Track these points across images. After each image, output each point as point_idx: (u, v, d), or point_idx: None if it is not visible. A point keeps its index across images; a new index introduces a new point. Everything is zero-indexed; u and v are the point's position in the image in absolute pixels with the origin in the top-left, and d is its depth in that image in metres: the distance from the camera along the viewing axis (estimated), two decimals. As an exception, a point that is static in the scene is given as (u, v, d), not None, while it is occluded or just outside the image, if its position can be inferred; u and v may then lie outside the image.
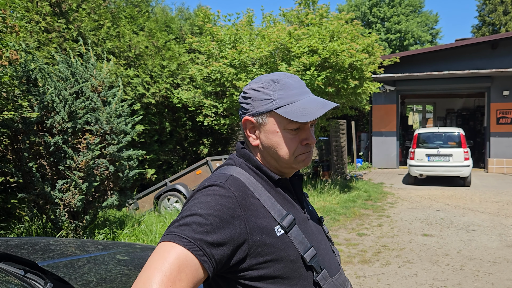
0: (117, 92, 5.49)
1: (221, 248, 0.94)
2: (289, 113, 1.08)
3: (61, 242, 2.80)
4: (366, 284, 4.50)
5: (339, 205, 8.69)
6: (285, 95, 1.10)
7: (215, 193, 1.01)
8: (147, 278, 0.86)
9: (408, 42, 32.77)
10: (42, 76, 4.79)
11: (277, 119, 1.10)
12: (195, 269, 0.90)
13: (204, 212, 0.96)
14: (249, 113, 1.13)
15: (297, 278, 1.04)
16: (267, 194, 1.08)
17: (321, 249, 1.15)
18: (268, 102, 1.10)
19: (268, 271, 1.01)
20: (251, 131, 1.15)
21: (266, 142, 1.12)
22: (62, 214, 4.77)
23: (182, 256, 0.89)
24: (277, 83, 1.12)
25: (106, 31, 9.35)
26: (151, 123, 10.36)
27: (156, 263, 0.88)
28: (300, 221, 1.12)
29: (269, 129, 1.11)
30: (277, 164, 1.14)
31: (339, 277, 1.16)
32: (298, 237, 1.07)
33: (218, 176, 1.08)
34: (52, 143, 4.61)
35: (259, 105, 1.11)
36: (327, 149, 12.66)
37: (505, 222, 7.10)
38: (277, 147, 1.11)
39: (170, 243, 0.91)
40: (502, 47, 14.32)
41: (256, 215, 1.02)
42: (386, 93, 15.31)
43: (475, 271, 4.82)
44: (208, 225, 0.94)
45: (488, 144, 14.67)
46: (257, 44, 9.03)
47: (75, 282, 1.95)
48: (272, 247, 1.01)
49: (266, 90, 1.11)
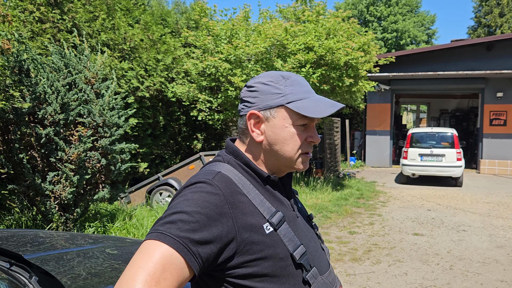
0: (111, 85, 5.45)
1: (208, 246, 0.93)
2: (301, 108, 1.07)
3: (51, 234, 2.77)
4: (356, 282, 4.51)
5: (331, 202, 8.71)
6: (295, 91, 1.10)
7: (202, 190, 0.99)
8: (130, 277, 0.84)
9: (404, 41, 32.83)
10: (35, 67, 4.74)
11: (288, 113, 1.09)
12: (180, 268, 0.89)
13: (190, 210, 0.94)
14: (255, 107, 1.10)
15: (287, 276, 1.03)
16: (255, 192, 1.07)
17: (311, 247, 1.13)
18: (279, 96, 1.09)
19: (257, 269, 1.00)
20: (256, 126, 1.12)
21: (273, 137, 1.10)
22: (52, 206, 4.73)
23: (167, 255, 0.88)
24: (287, 79, 1.11)
25: (101, 23, 9.26)
26: (144, 116, 10.30)
27: (140, 262, 0.87)
28: (289, 218, 1.10)
29: (277, 124, 1.09)
30: (277, 162, 1.12)
31: (329, 275, 1.15)
32: (287, 234, 1.05)
33: (206, 173, 1.06)
34: (43, 135, 4.57)
35: (268, 99, 1.10)
36: (320, 147, 12.68)
37: (495, 223, 7.15)
38: (284, 142, 1.09)
39: (155, 241, 0.90)
40: (497, 49, 14.39)
41: (244, 213, 1.01)
42: (380, 92, 15.34)
43: (465, 271, 4.85)
44: (195, 223, 0.92)
45: (481, 145, 14.76)
46: (253, 40, 9.00)
47: (64, 275, 1.93)
48: (261, 244, 1.00)
49: (276, 84, 1.10)
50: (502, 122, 14.48)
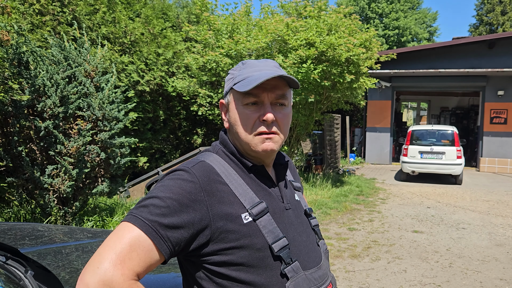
0: (111, 78, 5.41)
1: (178, 231, 0.95)
2: (240, 85, 1.07)
3: (49, 228, 2.75)
4: (355, 279, 4.50)
5: (330, 199, 8.70)
6: (245, 72, 1.11)
7: (178, 178, 1.01)
8: (99, 255, 0.89)
9: (405, 39, 32.75)
10: (34, 59, 4.70)
11: (235, 95, 1.11)
12: (147, 250, 0.92)
13: (163, 195, 0.97)
14: (223, 96, 1.17)
15: (264, 268, 1.02)
16: (239, 181, 1.07)
17: (298, 241, 1.11)
18: (231, 80, 1.13)
19: (232, 257, 1.00)
20: (225, 114, 1.17)
21: (230, 121, 1.13)
22: (51, 199, 4.72)
23: (135, 236, 0.92)
24: (244, 63, 1.15)
25: (102, 16, 9.21)
26: (144, 111, 10.26)
27: (110, 242, 0.92)
28: (275, 210, 1.09)
29: (231, 108, 1.12)
30: (242, 147, 1.12)
31: (316, 272, 1.11)
32: (268, 226, 1.05)
33: (189, 162, 1.09)
34: (42, 128, 4.54)
35: (226, 85, 1.16)
36: (320, 143, 12.66)
37: (495, 221, 7.14)
38: (236, 123, 1.10)
39: (126, 223, 0.94)
40: (498, 47, 14.34)
41: (221, 201, 1.02)
42: (381, 89, 15.30)
43: (464, 269, 4.84)
44: (165, 208, 0.95)
45: (481, 143, 14.74)
46: (254, 35, 8.95)
47: (62, 269, 1.91)
48: (237, 233, 1.00)
49: (233, 71, 1.15)
50: (503, 121, 14.45)
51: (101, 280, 0.86)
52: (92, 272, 0.87)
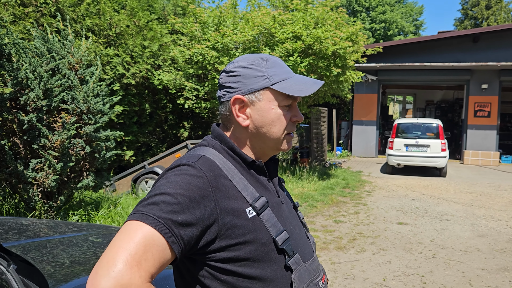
0: (95, 71, 5.35)
1: (190, 228, 0.92)
2: (286, 88, 1.08)
3: (33, 222, 2.73)
4: (340, 270, 4.55)
5: (317, 192, 8.75)
6: (278, 72, 1.10)
7: (185, 173, 0.98)
8: (111, 257, 0.83)
9: (392, 32, 32.95)
10: (17, 51, 4.62)
11: (273, 95, 1.10)
12: (162, 249, 0.88)
13: (173, 191, 0.93)
14: (239, 91, 1.09)
15: (268, 261, 1.03)
16: (240, 176, 1.07)
17: (295, 234, 1.13)
18: (263, 78, 1.09)
19: (238, 253, 1.00)
20: (241, 111, 1.11)
21: (260, 120, 1.10)
22: (35, 194, 4.66)
23: (149, 236, 0.87)
24: (267, 61, 1.11)
25: (86, 8, 9.08)
26: (130, 104, 10.18)
27: (122, 242, 0.86)
28: (273, 204, 1.10)
29: (263, 107, 1.09)
30: (264, 145, 1.13)
31: (313, 263, 1.15)
32: (270, 220, 1.05)
33: (190, 156, 1.06)
34: (25, 121, 4.48)
35: (252, 82, 1.09)
36: (307, 136, 12.71)
37: (478, 213, 7.28)
38: (271, 124, 1.10)
39: (137, 222, 0.89)
40: (483, 40, 14.52)
41: (227, 196, 1.00)
42: (367, 82, 15.39)
43: (447, 260, 4.93)
44: (177, 205, 0.92)
45: (465, 136, 14.96)
46: (240, 27, 8.92)
47: (47, 263, 1.90)
48: (243, 229, 1.00)
49: (258, 67, 1.10)
50: (486, 114, 14.67)
51: (118, 284, 0.80)
52: (107, 276, 0.81)
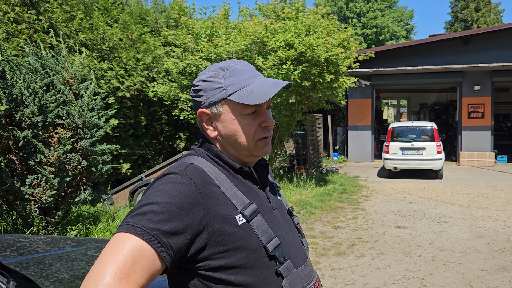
0: (90, 85, 5.37)
1: (179, 236, 0.93)
2: (242, 97, 1.06)
3: (31, 238, 2.72)
4: (340, 276, 4.55)
5: (315, 198, 8.76)
6: (236, 80, 1.08)
7: (173, 181, 0.99)
8: (99, 270, 0.83)
9: (384, 37, 33.21)
10: (11, 68, 4.63)
11: (232, 106, 1.08)
12: (151, 260, 0.88)
13: (161, 201, 0.93)
14: (203, 105, 1.10)
15: (260, 268, 1.03)
16: (229, 183, 1.07)
17: (287, 239, 1.13)
18: (220, 90, 1.08)
19: (229, 260, 1.00)
20: (208, 123, 1.12)
21: (225, 131, 1.10)
22: (33, 210, 4.65)
23: (137, 247, 0.87)
24: (226, 70, 1.10)
25: (79, 23, 9.12)
26: (126, 117, 10.19)
27: (110, 255, 0.86)
28: (264, 210, 1.10)
29: (225, 118, 1.09)
30: (238, 153, 1.12)
31: (305, 269, 1.14)
32: (261, 226, 1.05)
33: (178, 165, 1.07)
34: (21, 137, 4.48)
35: (211, 95, 1.09)
36: (303, 143, 12.74)
37: (475, 214, 7.30)
38: (236, 134, 1.09)
39: (125, 234, 0.89)
40: (473, 42, 14.66)
41: (216, 203, 1.01)
42: (361, 87, 15.49)
43: (446, 262, 4.94)
44: (165, 214, 0.92)
45: (460, 137, 15.04)
46: (233, 37, 8.98)
47: (46, 279, 1.90)
48: (233, 236, 1.00)
49: (216, 79, 1.09)
50: (480, 115, 14.77)
51: None
52: None
